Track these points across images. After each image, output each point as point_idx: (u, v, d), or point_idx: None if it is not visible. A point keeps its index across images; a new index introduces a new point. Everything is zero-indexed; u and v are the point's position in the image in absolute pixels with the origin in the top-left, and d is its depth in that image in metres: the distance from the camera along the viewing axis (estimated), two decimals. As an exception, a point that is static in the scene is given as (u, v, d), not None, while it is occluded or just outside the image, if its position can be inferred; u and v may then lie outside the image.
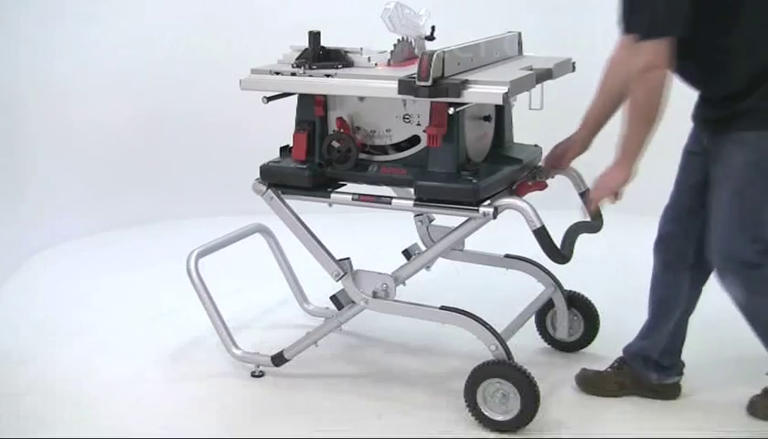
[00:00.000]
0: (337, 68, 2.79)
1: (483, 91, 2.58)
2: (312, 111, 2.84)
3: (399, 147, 2.79)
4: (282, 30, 4.65)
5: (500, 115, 2.96)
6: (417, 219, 3.20)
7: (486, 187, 2.68)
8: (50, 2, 4.28)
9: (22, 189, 4.23)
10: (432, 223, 3.21)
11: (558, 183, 3.10)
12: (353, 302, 2.87)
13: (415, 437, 2.74)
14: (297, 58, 2.87)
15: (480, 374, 2.73)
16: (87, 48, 4.45)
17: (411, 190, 2.76)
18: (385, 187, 2.86)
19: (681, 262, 2.83)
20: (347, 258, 2.87)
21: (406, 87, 2.59)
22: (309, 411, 2.88)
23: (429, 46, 2.89)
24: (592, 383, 2.96)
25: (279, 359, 3.00)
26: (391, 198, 2.80)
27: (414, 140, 2.77)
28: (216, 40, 4.64)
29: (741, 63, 2.53)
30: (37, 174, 4.34)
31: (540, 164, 3.02)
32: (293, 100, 2.92)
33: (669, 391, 2.92)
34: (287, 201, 2.86)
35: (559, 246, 2.74)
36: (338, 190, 2.83)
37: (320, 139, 2.82)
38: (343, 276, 2.84)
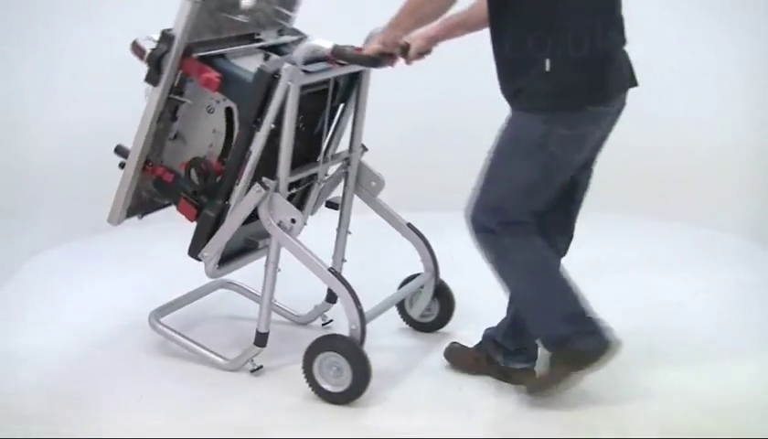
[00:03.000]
0: None
1: None
2: None
3: None
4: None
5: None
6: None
7: None
8: (50, 1, 4.28)
9: (22, 189, 4.22)
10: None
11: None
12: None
13: (416, 437, 2.74)
14: None
15: (317, 347, 2.87)
16: (87, 47, 4.44)
17: None
18: None
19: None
20: (276, 180, 2.87)
21: None
22: (309, 411, 2.88)
23: None
24: (453, 355, 3.08)
25: (260, 339, 3.00)
26: None
27: None
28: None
29: (518, 44, 2.57)
30: (37, 174, 4.34)
31: None
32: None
33: (517, 377, 2.95)
34: None
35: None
36: None
37: None
38: (264, 195, 2.85)
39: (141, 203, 3.15)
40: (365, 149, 3.22)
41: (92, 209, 4.50)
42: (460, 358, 3.08)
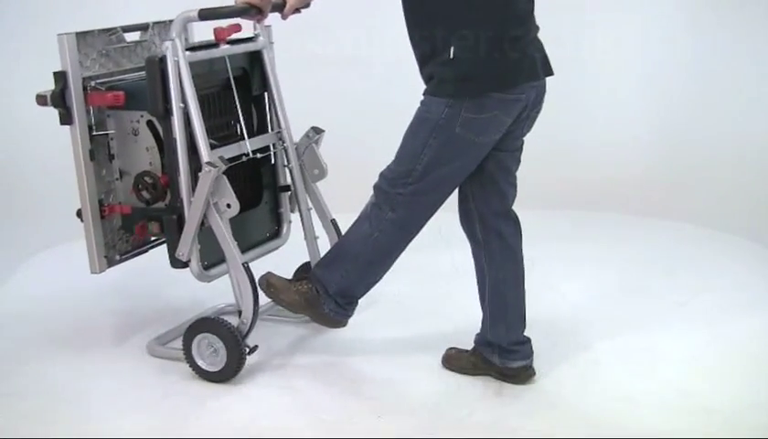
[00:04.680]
0: None
1: None
2: None
3: None
4: (282, 30, 4.67)
5: None
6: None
7: None
8: (54, 2, 4.28)
9: (22, 189, 4.22)
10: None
11: (560, 183, 3.10)
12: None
13: (415, 437, 2.74)
14: None
15: (196, 328, 3.00)
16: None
17: None
18: None
19: (472, 240, 2.96)
20: (222, 158, 2.92)
21: None
22: (309, 411, 2.88)
23: None
24: (450, 361, 3.09)
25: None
26: None
27: None
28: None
29: (427, 33, 2.64)
30: (37, 173, 4.33)
31: None
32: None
33: (518, 375, 2.98)
34: None
35: None
36: None
37: None
38: (215, 174, 2.87)
39: (122, 248, 3.22)
40: (319, 131, 3.26)
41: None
42: (458, 363, 3.08)
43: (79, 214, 3.09)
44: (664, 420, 2.81)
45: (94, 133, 3.03)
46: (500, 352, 2.98)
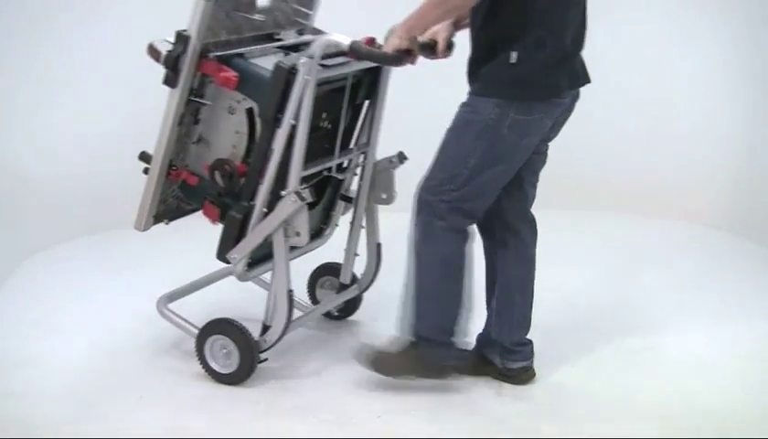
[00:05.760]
0: None
1: None
2: None
3: None
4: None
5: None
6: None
7: None
8: (50, 5, 4.28)
9: (21, 189, 4.22)
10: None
11: (560, 183, 3.10)
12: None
13: (416, 437, 2.74)
14: None
15: (208, 330, 3.00)
16: (87, 46, 4.44)
17: None
18: None
19: (487, 237, 2.97)
20: (310, 191, 2.86)
21: None
22: (309, 411, 2.88)
23: None
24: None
25: (265, 329, 3.00)
26: None
27: None
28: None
29: (495, 35, 2.68)
30: (37, 173, 4.33)
31: None
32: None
33: (518, 376, 2.99)
34: None
35: None
36: None
37: None
38: (300, 206, 2.82)
39: (168, 209, 3.14)
40: (403, 159, 3.17)
41: (93, 209, 4.52)
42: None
43: (146, 172, 3.03)
44: (664, 420, 2.81)
45: (191, 97, 2.92)
46: (502, 352, 2.98)
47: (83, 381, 3.06)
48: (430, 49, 2.85)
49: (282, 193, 2.84)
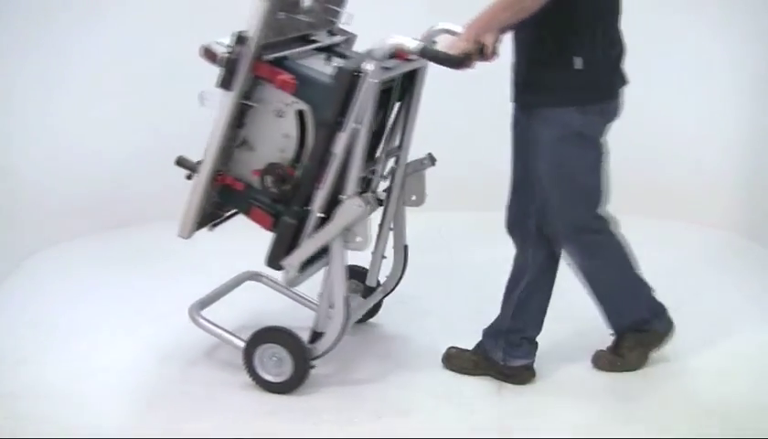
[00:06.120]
0: None
1: None
2: None
3: None
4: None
5: None
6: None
7: None
8: (51, 1, 4.28)
9: (21, 189, 4.22)
10: None
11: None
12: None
13: (416, 437, 2.74)
14: None
15: (258, 339, 2.93)
16: (86, 47, 4.44)
17: None
18: None
19: (522, 238, 2.99)
20: (374, 196, 2.87)
21: None
22: (309, 411, 2.88)
23: None
24: (451, 360, 3.11)
25: (315, 336, 2.98)
26: None
27: None
28: (215, 40, 4.64)
29: (554, 45, 2.72)
30: (37, 173, 4.33)
31: None
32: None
33: (518, 375, 3.02)
34: None
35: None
36: None
37: None
38: (360, 207, 2.79)
39: (205, 215, 3.05)
40: (433, 161, 3.15)
41: (92, 209, 4.52)
42: (458, 362, 3.09)
43: (189, 177, 2.96)
44: (665, 420, 2.81)
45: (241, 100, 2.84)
46: (506, 347, 2.99)
47: (82, 382, 3.06)
48: (480, 53, 2.79)
49: (343, 198, 2.80)
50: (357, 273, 3.37)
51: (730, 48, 4.53)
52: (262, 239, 2.91)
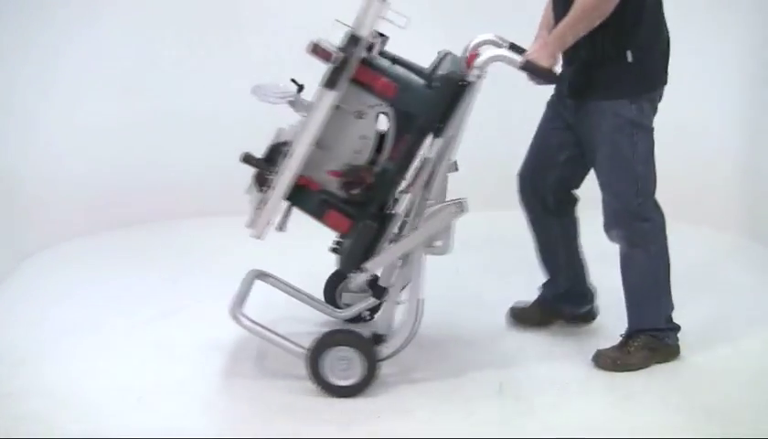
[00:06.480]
0: None
1: None
2: None
3: None
4: (282, 30, 4.68)
5: None
6: None
7: None
8: (49, 1, 4.28)
9: (21, 189, 4.22)
10: None
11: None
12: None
13: (416, 437, 2.74)
14: None
15: (327, 343, 2.90)
16: (86, 47, 4.45)
17: None
18: None
19: (542, 208, 3.22)
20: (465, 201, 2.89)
21: None
22: (309, 411, 2.88)
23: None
24: (518, 315, 3.40)
25: (377, 339, 3.00)
26: None
27: None
28: (216, 40, 4.65)
29: (605, 40, 2.86)
30: (37, 173, 4.34)
31: None
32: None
33: (585, 317, 3.37)
34: None
35: None
36: None
37: None
38: (454, 213, 2.87)
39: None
40: (456, 168, 3.11)
41: (92, 209, 4.53)
42: (526, 316, 3.38)
43: (261, 181, 2.86)
44: (664, 420, 2.81)
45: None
46: (571, 298, 3.32)
47: (83, 381, 3.06)
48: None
49: (433, 203, 2.85)
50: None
51: (732, 48, 4.54)
52: (259, 239, 2.92)
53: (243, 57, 4.63)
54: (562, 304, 3.36)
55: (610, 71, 2.91)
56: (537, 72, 2.79)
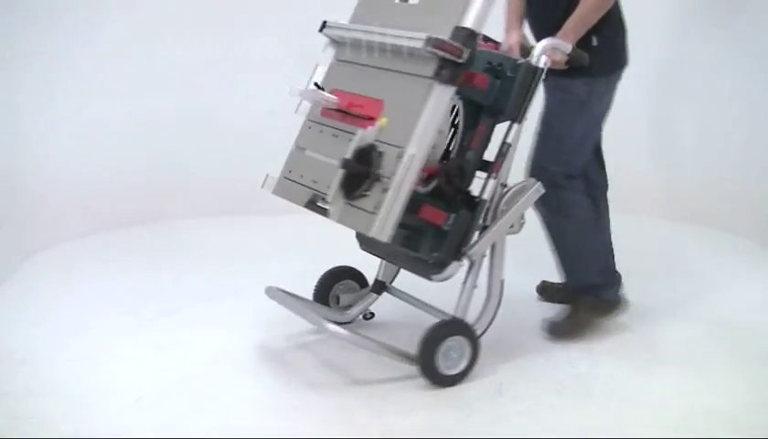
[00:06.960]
0: None
1: None
2: None
3: None
4: (282, 30, 4.68)
5: None
6: None
7: None
8: (51, 2, 4.28)
9: (21, 189, 4.22)
10: None
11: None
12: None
13: (415, 437, 2.74)
14: None
15: (440, 335, 2.94)
16: (87, 47, 4.45)
17: None
18: None
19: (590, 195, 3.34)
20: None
21: None
22: (309, 411, 2.88)
23: None
24: (546, 292, 3.61)
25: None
26: None
27: None
28: (216, 40, 4.65)
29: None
30: (38, 173, 4.34)
31: None
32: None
33: (615, 304, 3.39)
34: None
35: None
36: None
37: None
38: (538, 191, 3.02)
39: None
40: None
41: (92, 209, 4.53)
42: (552, 294, 3.56)
43: (368, 175, 2.77)
44: (664, 420, 2.81)
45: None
46: (602, 286, 3.34)
47: (83, 381, 3.06)
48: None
49: (512, 185, 2.98)
50: (351, 274, 3.43)
51: (735, 50, 4.54)
52: (259, 238, 2.92)
53: (243, 57, 4.63)
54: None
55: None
56: (576, 61, 3.01)
